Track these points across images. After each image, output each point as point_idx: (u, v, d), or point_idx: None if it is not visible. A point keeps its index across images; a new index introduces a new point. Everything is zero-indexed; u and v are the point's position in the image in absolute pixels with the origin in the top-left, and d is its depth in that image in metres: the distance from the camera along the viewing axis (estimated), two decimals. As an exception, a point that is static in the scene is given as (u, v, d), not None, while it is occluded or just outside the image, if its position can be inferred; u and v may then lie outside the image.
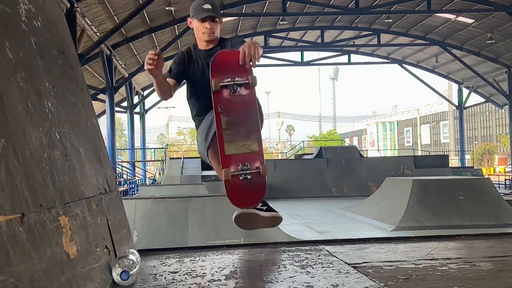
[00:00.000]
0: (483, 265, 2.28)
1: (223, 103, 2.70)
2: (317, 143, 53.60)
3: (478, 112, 61.80)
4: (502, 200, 10.06)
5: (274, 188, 17.57)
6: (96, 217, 2.07)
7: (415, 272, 2.14)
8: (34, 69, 1.79)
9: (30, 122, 1.59)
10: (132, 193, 21.15)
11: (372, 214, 10.28)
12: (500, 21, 21.72)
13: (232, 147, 2.66)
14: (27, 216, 1.34)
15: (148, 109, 32.10)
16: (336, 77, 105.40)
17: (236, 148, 2.67)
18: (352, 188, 18.03)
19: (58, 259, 1.50)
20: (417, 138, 76.11)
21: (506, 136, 43.75)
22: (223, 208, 4.94)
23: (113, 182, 2.69)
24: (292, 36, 27.87)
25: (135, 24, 19.23)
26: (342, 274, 2.12)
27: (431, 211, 9.22)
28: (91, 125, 2.61)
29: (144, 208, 6.30)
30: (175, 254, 2.73)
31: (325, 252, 2.64)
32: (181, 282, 2.08)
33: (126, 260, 2.04)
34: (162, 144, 58.48)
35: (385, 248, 2.75)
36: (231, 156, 2.66)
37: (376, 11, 21.67)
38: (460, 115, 32.26)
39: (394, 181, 11.41)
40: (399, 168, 19.27)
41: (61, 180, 1.73)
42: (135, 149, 29.73)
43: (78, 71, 2.74)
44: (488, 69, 27.25)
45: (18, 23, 1.75)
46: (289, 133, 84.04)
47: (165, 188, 11.35)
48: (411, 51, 28.90)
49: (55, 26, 2.38)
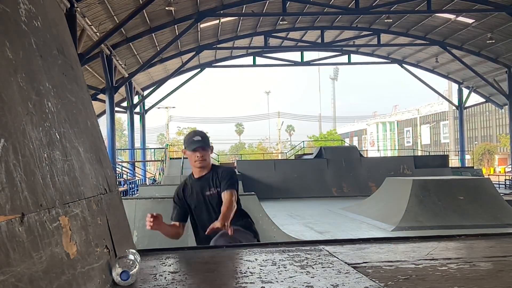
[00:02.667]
0: (483, 265, 2.28)
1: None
2: (317, 143, 53.61)
3: (478, 112, 61.83)
4: (502, 200, 10.07)
5: (274, 188, 17.59)
6: (96, 217, 2.07)
7: (415, 272, 2.15)
8: (34, 69, 1.79)
9: (30, 122, 1.59)
10: (132, 193, 21.15)
11: (372, 214, 10.29)
12: (500, 21, 21.72)
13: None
14: (27, 216, 1.34)
15: (148, 109, 32.10)
16: (336, 77, 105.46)
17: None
18: (352, 188, 18.03)
19: (58, 259, 1.50)
20: (417, 138, 76.15)
21: (506, 136, 43.77)
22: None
23: (113, 182, 2.69)
24: (292, 36, 27.87)
25: (135, 24, 19.24)
26: (342, 274, 2.12)
27: (431, 211, 9.22)
28: (91, 125, 2.61)
29: (144, 208, 6.30)
30: (175, 254, 2.73)
31: (325, 252, 2.64)
32: (181, 282, 2.08)
33: (126, 260, 2.04)
34: (162, 144, 58.51)
35: (385, 248, 2.75)
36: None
37: (376, 11, 21.67)
38: (460, 115, 32.27)
39: (394, 181, 11.42)
40: (399, 168, 19.28)
41: (61, 180, 1.73)
42: (135, 149, 29.73)
43: (78, 71, 2.74)
44: (488, 69, 27.26)
45: (18, 23, 1.75)
46: (289, 133, 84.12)
47: (165, 188, 11.35)
48: (411, 51, 28.90)
49: (55, 26, 2.38)
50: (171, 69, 27.73)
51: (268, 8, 22.37)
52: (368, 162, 20.24)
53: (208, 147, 3.36)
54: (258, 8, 22.23)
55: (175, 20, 20.12)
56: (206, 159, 3.36)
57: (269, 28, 25.97)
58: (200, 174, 3.38)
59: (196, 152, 3.32)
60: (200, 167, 3.36)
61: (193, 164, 3.38)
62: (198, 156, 3.32)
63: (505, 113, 37.74)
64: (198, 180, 3.39)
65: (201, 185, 3.36)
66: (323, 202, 15.41)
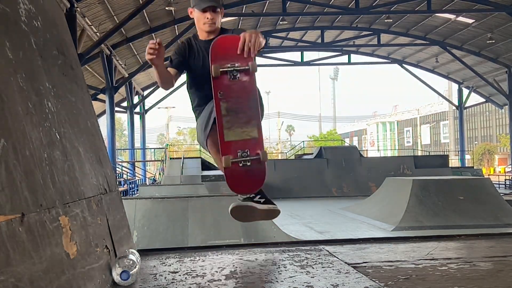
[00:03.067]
0: (483, 265, 2.28)
1: (223, 89, 2.65)
2: (317, 143, 53.61)
3: (478, 112, 61.81)
4: (502, 200, 10.06)
5: (274, 188, 17.58)
6: (96, 217, 2.07)
7: (415, 272, 2.14)
8: (34, 69, 1.79)
9: (30, 122, 1.59)
10: (132, 193, 21.16)
11: (372, 214, 10.29)
12: (500, 21, 21.72)
13: (231, 134, 2.62)
14: (27, 216, 1.34)
15: (148, 109, 32.10)
16: (336, 77, 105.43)
17: (235, 135, 2.62)
18: (352, 188, 18.03)
19: (58, 259, 1.50)
20: (417, 138, 76.13)
21: (506, 136, 43.75)
22: (223, 208, 4.94)
23: (113, 182, 2.69)
24: (292, 36, 27.87)
25: (135, 24, 19.24)
26: (342, 274, 2.12)
27: (431, 211, 9.22)
28: (91, 125, 2.61)
29: (144, 208, 6.31)
30: (175, 254, 2.73)
31: (325, 252, 2.64)
32: (181, 282, 2.08)
33: (126, 260, 2.04)
34: (162, 144, 58.48)
35: (385, 248, 2.75)
36: (231, 142, 2.61)
37: (376, 11, 21.67)
38: (460, 115, 32.26)
39: (394, 181, 11.41)
40: (399, 168, 19.28)
41: (61, 180, 1.73)
42: (135, 149, 29.74)
43: (78, 71, 2.74)
44: (488, 69, 27.25)
45: (18, 23, 1.75)
46: (289, 133, 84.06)
47: (165, 188, 11.36)
48: (411, 51, 28.90)
49: (55, 26, 2.38)
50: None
51: (268, 8, 22.37)
52: (368, 162, 20.24)
53: (220, 8, 2.92)
54: (258, 8, 22.23)
55: (175, 20, 20.13)
56: (216, 23, 2.92)
57: (269, 28, 25.97)
58: (208, 37, 2.94)
59: (206, 13, 2.88)
60: (208, 31, 2.92)
61: (200, 26, 2.94)
62: (208, 18, 2.88)
63: (505, 113, 37.74)
64: (207, 43, 2.90)
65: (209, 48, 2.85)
66: (323, 202, 15.41)
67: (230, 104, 2.64)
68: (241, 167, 2.60)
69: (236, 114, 2.64)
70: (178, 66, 2.93)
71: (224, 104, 2.63)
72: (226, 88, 2.66)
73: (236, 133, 2.62)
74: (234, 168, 2.60)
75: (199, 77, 2.95)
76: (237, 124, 2.63)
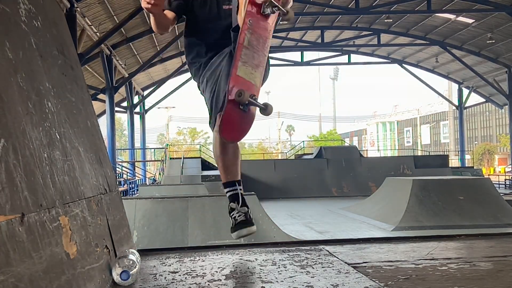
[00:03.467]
0: (483, 265, 2.28)
1: (253, 18, 2.40)
2: (317, 143, 53.59)
3: (478, 112, 61.81)
4: (502, 200, 10.06)
5: (274, 188, 17.59)
6: (96, 217, 2.07)
7: (415, 272, 2.15)
8: (34, 69, 1.79)
9: (30, 122, 1.59)
10: (132, 193, 21.16)
11: (372, 214, 10.29)
12: (500, 21, 21.72)
13: (243, 70, 2.39)
14: (27, 216, 1.34)
15: (148, 109, 32.12)
16: (336, 77, 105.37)
17: (246, 73, 2.40)
18: (352, 188, 18.03)
19: (58, 259, 1.50)
20: (417, 138, 76.13)
21: (506, 136, 43.77)
22: (223, 208, 4.95)
23: (113, 182, 2.69)
24: (292, 36, 27.86)
25: (135, 24, 19.24)
26: (342, 274, 2.12)
27: (431, 211, 9.22)
28: (91, 125, 2.61)
29: (144, 208, 6.31)
30: (175, 254, 2.73)
31: (325, 252, 2.64)
32: (181, 282, 2.08)
33: (126, 260, 2.04)
34: (162, 144, 58.47)
35: (385, 248, 2.76)
36: (239, 79, 2.38)
37: (376, 11, 21.67)
38: (460, 115, 32.27)
39: (394, 181, 11.41)
40: (399, 168, 19.28)
41: (61, 180, 1.73)
42: (135, 149, 29.75)
43: (78, 71, 2.74)
44: (488, 69, 27.26)
45: (18, 23, 1.75)
46: (289, 133, 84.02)
47: (165, 188, 11.35)
48: (411, 51, 28.90)
49: (55, 26, 2.38)
50: (171, 69, 27.74)
51: (268, 8, 22.37)
52: (368, 162, 20.23)
53: None
54: (258, 8, 22.23)
55: (175, 20, 20.14)
56: None
57: (269, 28, 25.96)
58: None
59: None
60: None
61: None
62: None
63: (505, 113, 37.74)
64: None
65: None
66: (323, 202, 15.40)
67: (253, 38, 2.41)
68: (241, 109, 2.38)
69: (253, 51, 2.42)
70: (178, 9, 2.66)
71: (249, 35, 2.39)
72: (256, 20, 2.42)
73: (247, 72, 2.40)
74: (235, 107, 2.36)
75: (203, 24, 2.68)
76: (250, 62, 2.41)
